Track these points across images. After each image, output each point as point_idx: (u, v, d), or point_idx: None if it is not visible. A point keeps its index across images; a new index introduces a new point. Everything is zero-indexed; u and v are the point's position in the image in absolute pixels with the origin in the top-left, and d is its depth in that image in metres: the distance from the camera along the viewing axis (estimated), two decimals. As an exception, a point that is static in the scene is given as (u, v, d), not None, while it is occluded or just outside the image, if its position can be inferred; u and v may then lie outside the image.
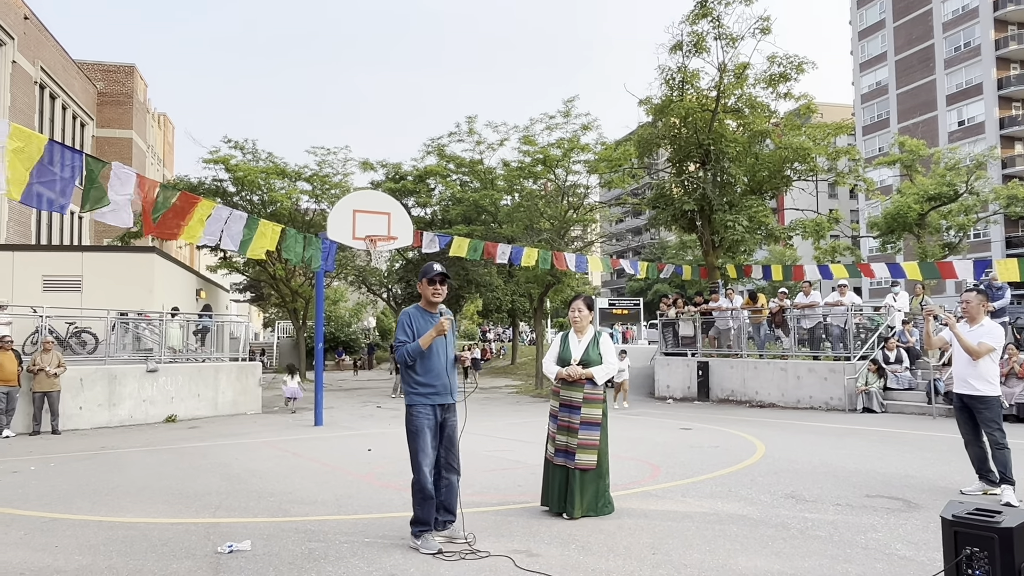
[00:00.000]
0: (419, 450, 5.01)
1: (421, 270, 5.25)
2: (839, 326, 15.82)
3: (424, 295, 5.22)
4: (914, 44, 55.33)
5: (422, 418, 5.03)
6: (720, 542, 5.14)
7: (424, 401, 5.06)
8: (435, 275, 5.15)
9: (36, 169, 8.91)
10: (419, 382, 5.08)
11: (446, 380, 5.14)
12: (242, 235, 12.32)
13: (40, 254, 20.45)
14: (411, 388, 5.09)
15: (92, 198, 10.04)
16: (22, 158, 8.73)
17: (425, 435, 5.02)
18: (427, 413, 5.05)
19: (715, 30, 19.43)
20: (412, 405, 5.08)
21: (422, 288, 5.22)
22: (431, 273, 5.17)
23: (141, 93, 39.63)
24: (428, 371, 5.08)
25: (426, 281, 5.18)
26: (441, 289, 5.18)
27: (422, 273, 5.21)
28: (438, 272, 5.16)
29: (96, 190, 10.02)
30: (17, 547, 5.27)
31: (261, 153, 27.77)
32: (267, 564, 4.73)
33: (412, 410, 5.07)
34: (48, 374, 12.91)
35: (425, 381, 5.08)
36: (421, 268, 5.25)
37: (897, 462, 8.46)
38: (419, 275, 5.24)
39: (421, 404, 5.06)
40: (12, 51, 26.58)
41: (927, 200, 28.40)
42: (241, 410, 16.53)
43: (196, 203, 11.62)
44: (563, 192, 24.59)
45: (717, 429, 12.09)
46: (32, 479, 8.19)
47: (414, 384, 5.08)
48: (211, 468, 8.77)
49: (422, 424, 5.03)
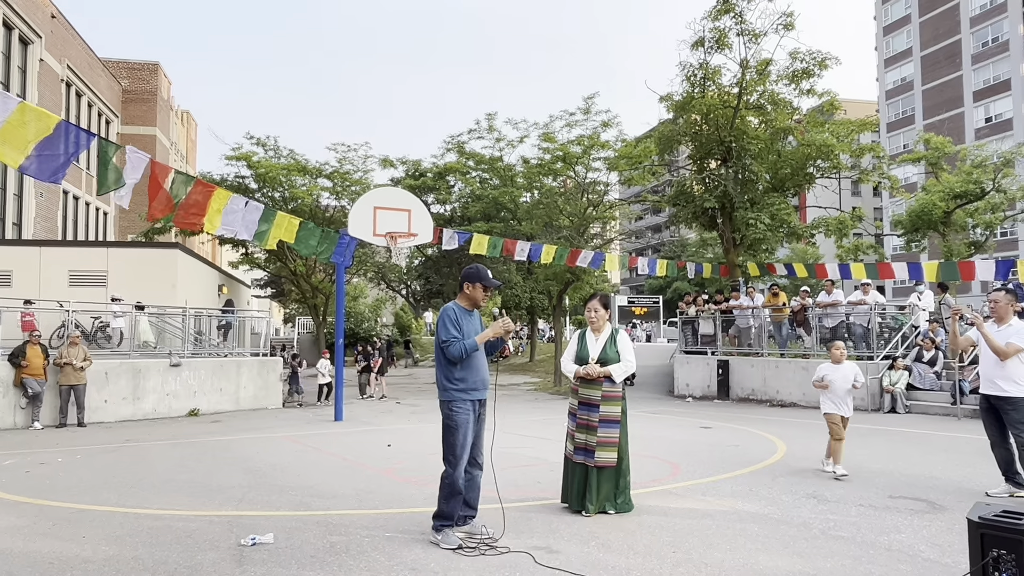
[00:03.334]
0: (457, 445, 5.02)
1: (474, 273, 5.25)
2: (862, 325, 15.64)
3: (473, 297, 5.25)
4: (940, 39, 54.51)
5: (462, 414, 5.05)
6: (741, 541, 5.11)
7: (464, 397, 5.08)
8: (492, 284, 5.27)
9: (42, 142, 9.01)
10: (459, 378, 5.08)
11: (485, 376, 5.20)
12: (258, 225, 12.45)
13: (66, 249, 20.80)
14: (451, 384, 5.09)
15: (110, 180, 10.17)
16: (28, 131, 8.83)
17: (466, 431, 5.05)
18: (467, 409, 5.07)
19: (737, 26, 19.30)
20: (452, 401, 5.08)
21: (473, 290, 5.24)
22: (490, 281, 5.24)
23: (165, 90, 40.09)
24: (469, 367, 5.11)
25: (481, 286, 5.23)
26: (491, 295, 5.34)
27: (476, 276, 5.22)
28: (497, 284, 5.33)
29: (112, 171, 10.16)
30: (46, 537, 5.37)
31: (283, 150, 27.97)
32: (290, 557, 4.78)
33: (452, 406, 5.07)
34: (75, 368, 13.11)
35: (466, 377, 5.09)
36: (472, 269, 5.27)
37: (921, 463, 8.36)
38: (470, 277, 5.23)
39: (461, 400, 5.07)
40: (39, 49, 27.01)
41: (953, 198, 27.95)
42: (262, 405, 16.69)
43: (212, 192, 11.77)
44: (583, 189, 24.53)
45: (737, 428, 12.02)
46: (60, 471, 8.33)
47: (454, 380, 5.09)
48: (233, 462, 8.87)
49: (463, 420, 5.04)
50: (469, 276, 5.25)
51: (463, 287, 5.28)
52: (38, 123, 8.96)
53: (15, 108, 8.74)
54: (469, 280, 5.25)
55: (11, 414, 12.87)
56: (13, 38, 25.43)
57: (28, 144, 8.79)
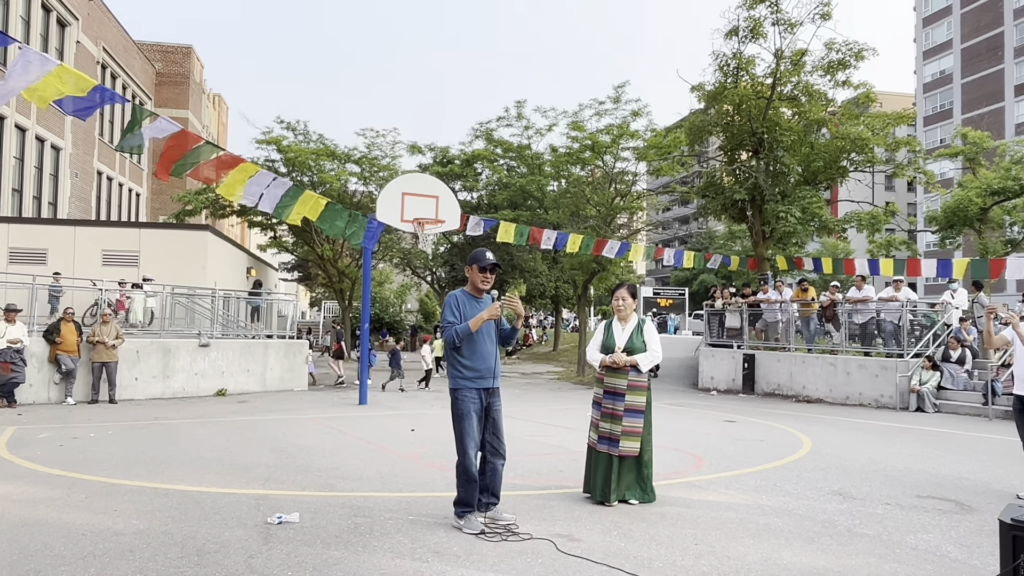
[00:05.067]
0: (465, 433, 5.05)
1: (472, 255, 5.26)
2: (893, 322, 15.40)
3: (473, 280, 5.25)
4: (982, 32, 53.14)
5: (468, 402, 5.07)
6: (764, 536, 5.08)
7: (470, 385, 5.09)
8: (487, 264, 5.18)
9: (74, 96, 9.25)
10: (465, 366, 5.11)
11: (491, 364, 5.17)
12: (280, 200, 12.65)
13: (100, 229, 21.16)
14: (457, 372, 5.12)
15: (127, 143, 10.58)
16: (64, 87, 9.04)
17: (472, 419, 5.06)
18: (473, 397, 5.09)
19: (773, 15, 18.97)
20: (458, 389, 5.11)
21: (471, 273, 5.24)
22: (483, 261, 5.19)
23: (197, 74, 40.50)
24: (474, 355, 5.11)
25: (476, 268, 5.20)
26: (490, 277, 5.22)
27: (472, 259, 5.23)
28: (491, 262, 5.19)
29: (134, 138, 10.45)
30: (79, 509, 5.51)
31: (312, 134, 28.15)
32: (315, 536, 4.85)
33: (458, 394, 5.11)
34: (107, 346, 13.38)
35: (471, 365, 5.10)
36: (472, 253, 5.23)
37: (950, 463, 8.23)
38: (469, 260, 5.26)
39: (467, 388, 5.09)
40: (76, 31, 27.41)
41: (990, 194, 27.30)
42: (288, 386, 16.90)
43: (240, 162, 11.99)
44: (611, 179, 24.37)
45: (762, 423, 11.92)
46: (92, 445, 8.52)
47: (460, 368, 5.11)
48: (260, 442, 9.00)
49: (468, 408, 5.06)
50: (468, 260, 5.27)
51: (467, 272, 5.30)
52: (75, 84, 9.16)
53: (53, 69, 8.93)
54: (468, 264, 5.28)
55: (46, 389, 13.19)
56: (51, 20, 25.83)
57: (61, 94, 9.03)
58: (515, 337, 5.43)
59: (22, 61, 8.67)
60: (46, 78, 8.78)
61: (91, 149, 29.13)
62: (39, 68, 8.77)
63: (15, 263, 18.01)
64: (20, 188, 24.05)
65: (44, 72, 8.76)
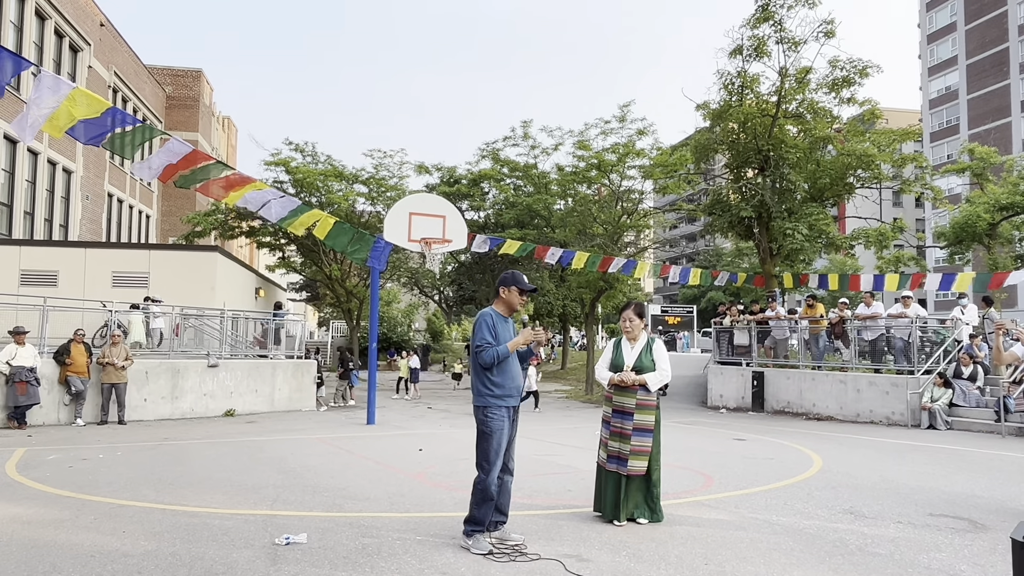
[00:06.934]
0: (491, 451, 5.02)
1: (510, 277, 5.24)
2: (902, 339, 15.31)
3: (510, 302, 5.24)
4: (987, 48, 53.25)
5: (498, 420, 5.05)
6: (775, 555, 5.04)
7: (500, 403, 5.08)
8: (528, 288, 5.23)
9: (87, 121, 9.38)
10: (496, 383, 5.08)
11: (520, 383, 5.22)
12: (286, 215, 12.91)
13: (110, 251, 21.34)
14: (487, 390, 5.09)
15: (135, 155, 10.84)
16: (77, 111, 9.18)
17: (501, 437, 5.05)
18: (501, 415, 5.07)
19: (777, 34, 19.11)
20: (487, 407, 5.07)
21: (509, 295, 5.22)
22: (526, 285, 5.22)
23: (207, 97, 40.98)
24: (504, 373, 5.11)
25: (517, 290, 5.21)
26: (528, 301, 5.27)
27: (513, 281, 5.21)
28: (533, 287, 5.28)
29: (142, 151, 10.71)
30: (88, 531, 5.51)
31: (320, 156, 28.41)
32: (323, 557, 4.84)
33: (487, 411, 5.07)
34: (116, 367, 13.43)
35: (501, 383, 5.09)
36: (507, 274, 5.26)
37: (963, 481, 8.14)
38: (506, 281, 5.23)
39: (497, 406, 5.07)
40: (88, 56, 27.82)
41: (999, 210, 27.22)
42: (296, 407, 16.90)
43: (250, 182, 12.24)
44: (617, 197, 24.44)
45: (772, 441, 11.84)
46: (101, 466, 8.54)
47: (490, 386, 5.08)
48: (268, 462, 9.00)
49: (498, 426, 5.05)
50: (505, 281, 5.25)
51: (499, 292, 5.27)
52: (89, 106, 9.30)
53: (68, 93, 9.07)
54: (505, 284, 5.24)
55: (56, 410, 13.23)
56: (64, 46, 26.24)
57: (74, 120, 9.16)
58: (529, 358, 5.45)
59: (40, 88, 8.80)
60: (61, 106, 8.92)
61: (102, 172, 29.45)
62: (56, 93, 8.90)
63: (26, 285, 18.16)
64: (32, 211, 24.31)
65: (61, 97, 8.90)
